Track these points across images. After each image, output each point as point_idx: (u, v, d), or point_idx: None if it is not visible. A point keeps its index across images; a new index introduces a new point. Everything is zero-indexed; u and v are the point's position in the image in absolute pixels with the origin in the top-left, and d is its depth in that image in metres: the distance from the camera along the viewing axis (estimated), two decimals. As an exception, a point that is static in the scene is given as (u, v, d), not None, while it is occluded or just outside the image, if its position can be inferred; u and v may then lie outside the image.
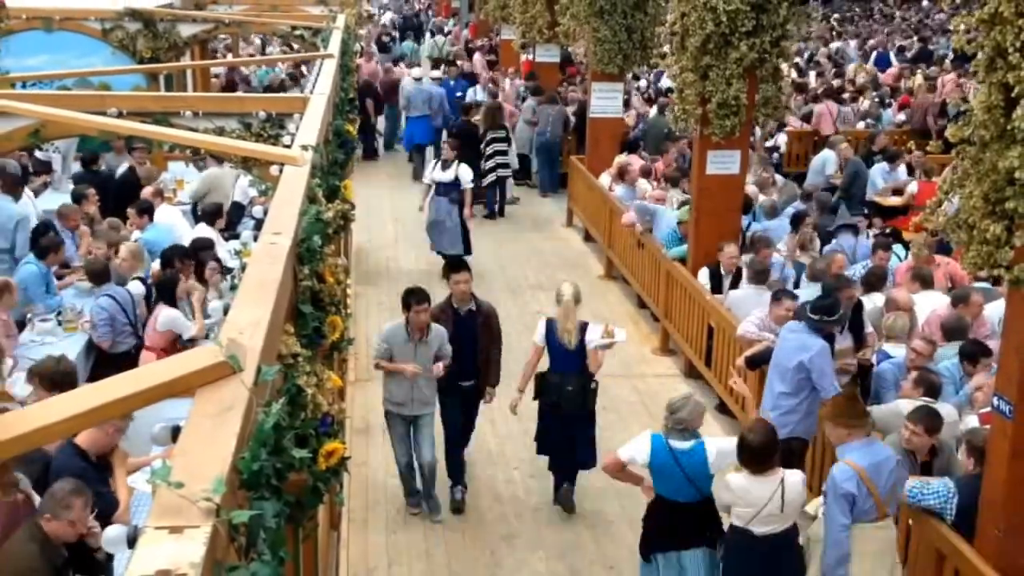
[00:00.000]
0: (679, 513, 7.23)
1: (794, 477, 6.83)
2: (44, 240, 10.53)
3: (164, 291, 9.69)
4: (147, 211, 11.91)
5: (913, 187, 16.24)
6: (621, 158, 16.12)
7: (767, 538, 6.79)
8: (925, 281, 10.93)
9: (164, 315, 9.41)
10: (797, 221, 12.82)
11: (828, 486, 6.76)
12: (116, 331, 9.57)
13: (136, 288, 9.91)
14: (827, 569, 6.67)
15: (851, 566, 6.71)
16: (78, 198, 12.47)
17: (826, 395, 8.16)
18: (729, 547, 7.09)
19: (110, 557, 6.09)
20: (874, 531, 6.80)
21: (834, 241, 12.67)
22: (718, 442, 7.38)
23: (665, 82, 23.52)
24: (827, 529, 6.72)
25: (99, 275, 9.77)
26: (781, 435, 8.06)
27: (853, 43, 36.61)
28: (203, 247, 10.85)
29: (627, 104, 20.76)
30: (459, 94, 22.85)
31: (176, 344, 9.40)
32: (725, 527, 7.20)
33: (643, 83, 25.82)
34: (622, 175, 15.53)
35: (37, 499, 6.08)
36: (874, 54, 33.66)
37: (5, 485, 6.11)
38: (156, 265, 10.61)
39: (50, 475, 6.35)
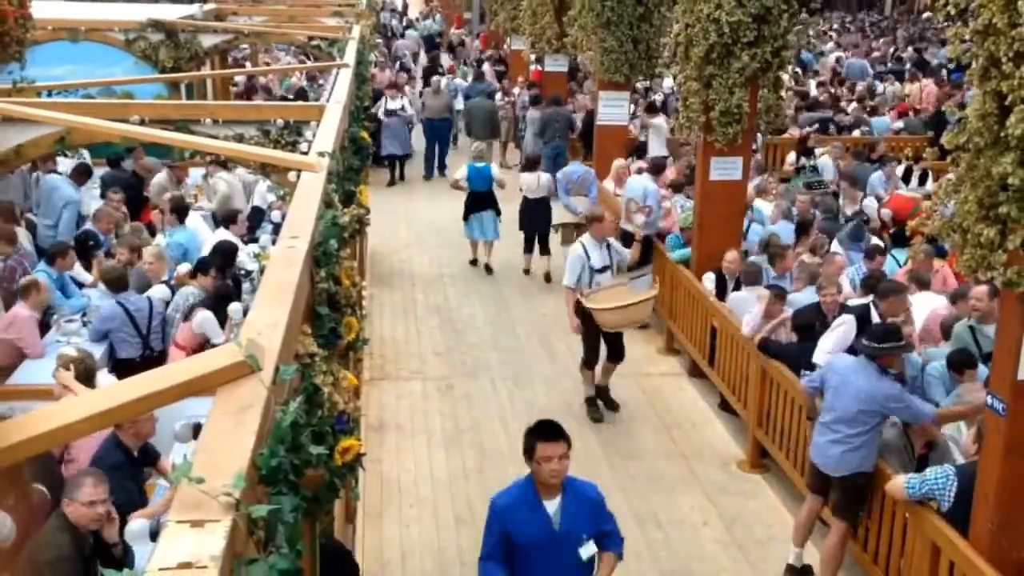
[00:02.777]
0: (481, 198, 15.64)
1: (544, 174, 15.58)
2: (52, 247, 10.58)
3: (217, 300, 9.58)
4: (180, 212, 11.98)
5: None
6: (619, 162, 16.07)
7: (533, 200, 15.40)
8: (922, 283, 10.90)
9: (200, 316, 9.31)
10: (804, 228, 12.81)
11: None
12: (120, 338, 9.46)
13: (159, 293, 9.89)
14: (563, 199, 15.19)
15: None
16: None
17: (926, 421, 7.83)
18: (521, 207, 15.49)
19: (127, 550, 6.09)
20: (578, 201, 15.01)
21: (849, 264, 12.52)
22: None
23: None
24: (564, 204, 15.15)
25: (115, 282, 9.68)
26: (847, 472, 7.79)
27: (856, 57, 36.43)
28: (231, 251, 10.88)
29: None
30: None
31: (205, 347, 9.36)
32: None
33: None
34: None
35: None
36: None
37: (23, 487, 6.12)
38: (181, 268, 10.63)
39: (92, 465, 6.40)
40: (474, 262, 16.34)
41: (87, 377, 7.23)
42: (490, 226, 15.75)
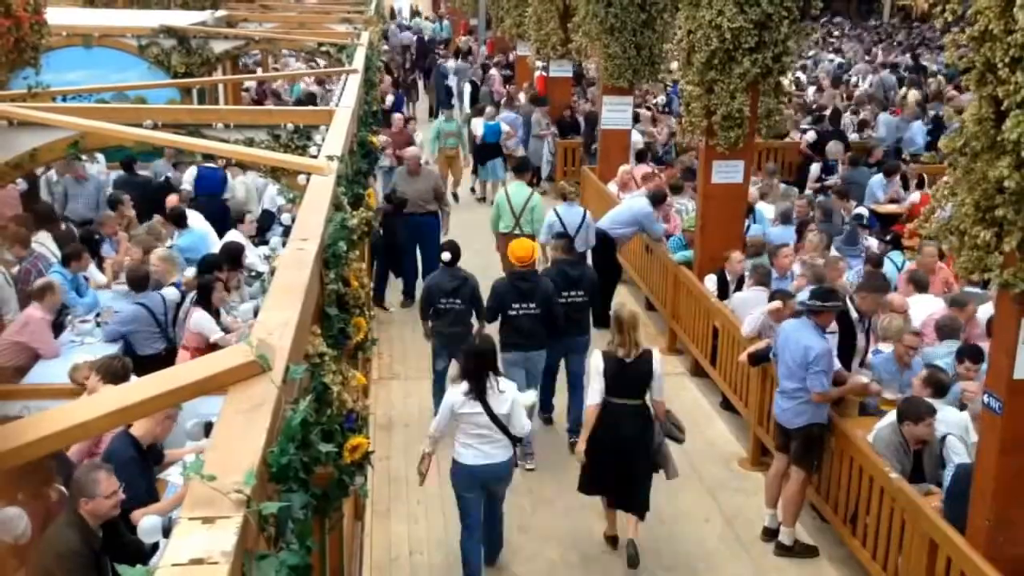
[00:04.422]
0: (492, 148, 19.23)
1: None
2: (67, 248, 10.59)
3: (201, 294, 9.65)
4: (178, 218, 11.96)
5: (915, 196, 16.10)
6: (624, 168, 16.12)
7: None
8: (920, 284, 10.89)
9: (195, 317, 9.41)
10: (802, 228, 12.80)
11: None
12: (143, 336, 9.49)
13: (171, 293, 9.91)
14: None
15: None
16: (114, 203, 12.64)
17: (813, 390, 8.19)
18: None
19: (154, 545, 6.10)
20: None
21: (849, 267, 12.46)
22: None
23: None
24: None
25: (138, 282, 9.72)
26: (801, 424, 8.36)
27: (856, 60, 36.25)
28: (238, 251, 10.90)
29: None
30: None
31: (209, 343, 9.39)
32: None
33: (661, 99, 25.60)
34: (625, 184, 15.67)
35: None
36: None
37: (41, 483, 6.13)
38: (190, 272, 10.63)
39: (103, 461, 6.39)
40: (482, 199, 20.10)
41: (122, 379, 7.19)
42: (499, 169, 19.51)
